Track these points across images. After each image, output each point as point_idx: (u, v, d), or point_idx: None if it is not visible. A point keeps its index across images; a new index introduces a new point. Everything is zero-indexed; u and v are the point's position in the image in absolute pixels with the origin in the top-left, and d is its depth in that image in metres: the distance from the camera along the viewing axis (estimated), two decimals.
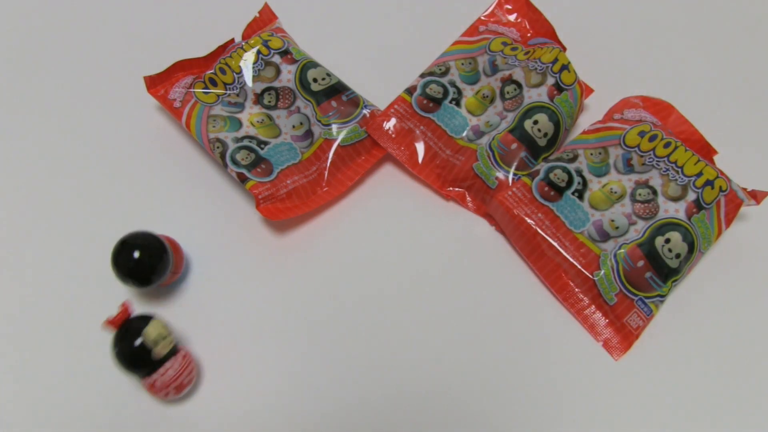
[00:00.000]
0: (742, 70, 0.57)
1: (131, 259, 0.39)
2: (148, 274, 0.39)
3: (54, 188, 0.48)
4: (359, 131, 0.48)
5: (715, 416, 0.40)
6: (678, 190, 0.45)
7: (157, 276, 0.39)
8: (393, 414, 0.40)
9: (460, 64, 0.51)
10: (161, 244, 0.40)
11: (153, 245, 0.39)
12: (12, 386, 0.40)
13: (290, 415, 0.40)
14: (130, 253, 0.39)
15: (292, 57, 0.49)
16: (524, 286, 0.45)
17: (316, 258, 0.45)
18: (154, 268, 0.39)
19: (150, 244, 0.39)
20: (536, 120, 0.47)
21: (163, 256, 0.40)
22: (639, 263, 0.42)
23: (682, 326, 0.44)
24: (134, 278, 0.39)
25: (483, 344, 0.42)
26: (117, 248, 0.39)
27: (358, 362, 0.41)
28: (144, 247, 0.39)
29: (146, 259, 0.39)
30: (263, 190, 0.44)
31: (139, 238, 0.39)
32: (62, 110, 0.52)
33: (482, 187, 0.47)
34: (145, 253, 0.39)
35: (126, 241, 0.39)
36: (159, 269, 0.39)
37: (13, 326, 0.42)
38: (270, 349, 0.42)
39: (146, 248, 0.39)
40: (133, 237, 0.39)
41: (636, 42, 0.58)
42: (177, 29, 0.57)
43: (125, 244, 0.39)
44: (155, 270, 0.39)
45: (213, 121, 0.47)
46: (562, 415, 0.40)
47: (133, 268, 0.39)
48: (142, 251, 0.39)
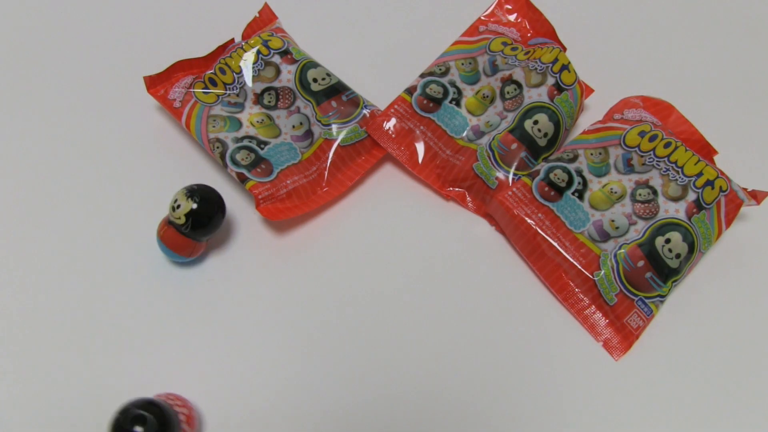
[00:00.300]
0: (742, 70, 0.57)
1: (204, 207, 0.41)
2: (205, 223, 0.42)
3: (53, 188, 0.48)
4: (359, 131, 0.48)
5: (716, 416, 0.40)
6: (678, 190, 0.45)
7: (211, 228, 0.42)
8: (393, 414, 0.40)
9: (460, 64, 0.51)
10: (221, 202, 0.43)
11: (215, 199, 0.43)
12: (11, 387, 0.40)
13: (290, 415, 0.40)
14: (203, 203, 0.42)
15: (292, 57, 0.49)
16: (524, 286, 0.45)
17: (316, 258, 0.45)
18: (211, 218, 0.42)
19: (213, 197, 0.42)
20: (536, 120, 0.47)
21: (220, 211, 0.43)
22: (639, 263, 0.42)
23: (682, 326, 0.44)
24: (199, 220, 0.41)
25: (483, 344, 0.42)
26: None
27: (358, 362, 0.41)
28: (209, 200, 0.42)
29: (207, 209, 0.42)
30: (263, 190, 0.44)
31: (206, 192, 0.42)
32: (62, 110, 0.52)
33: (482, 187, 0.47)
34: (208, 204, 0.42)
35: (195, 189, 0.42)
36: (217, 215, 0.42)
37: (12, 325, 0.42)
38: (270, 349, 0.42)
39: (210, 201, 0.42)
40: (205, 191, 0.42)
41: (636, 42, 0.58)
42: (177, 29, 0.57)
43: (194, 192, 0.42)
44: (212, 221, 0.42)
45: (213, 121, 0.47)
46: (562, 415, 0.40)
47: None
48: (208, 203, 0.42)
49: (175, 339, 0.42)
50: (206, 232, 0.42)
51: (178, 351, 0.41)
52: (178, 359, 0.41)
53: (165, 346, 0.41)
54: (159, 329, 0.42)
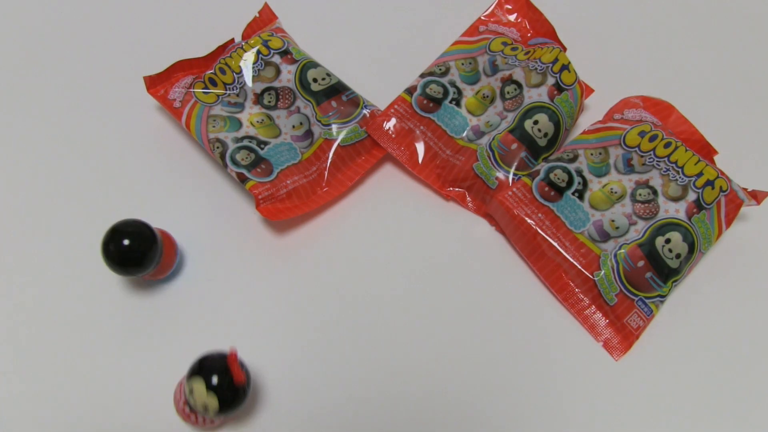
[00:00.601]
0: (742, 71, 0.57)
1: (121, 245, 0.38)
2: (137, 261, 0.39)
3: (53, 188, 0.48)
4: (359, 131, 0.48)
5: (716, 416, 0.40)
6: (678, 190, 0.45)
7: (144, 265, 0.39)
8: (393, 414, 0.40)
9: (460, 64, 0.51)
10: (152, 233, 0.40)
11: (143, 233, 0.39)
12: (10, 385, 0.40)
13: (290, 415, 0.40)
14: (120, 240, 0.38)
15: (292, 57, 0.49)
16: (524, 286, 0.45)
17: (316, 258, 0.45)
18: (144, 255, 0.39)
19: (140, 231, 0.39)
20: (536, 120, 0.47)
21: (152, 245, 0.39)
22: (639, 263, 0.42)
23: (682, 326, 0.44)
24: (122, 265, 0.38)
25: (483, 344, 0.42)
26: (107, 236, 0.39)
27: (358, 362, 0.41)
28: (134, 234, 0.39)
29: (136, 246, 0.39)
30: (263, 191, 0.44)
31: (129, 226, 0.39)
32: (62, 110, 0.52)
33: (482, 187, 0.47)
34: (135, 240, 0.39)
35: (116, 228, 0.39)
36: (148, 258, 0.39)
37: (10, 323, 0.42)
38: (269, 349, 0.42)
39: (136, 235, 0.39)
40: (124, 224, 0.39)
41: (636, 42, 0.58)
42: (177, 29, 0.57)
43: (116, 231, 0.39)
44: (144, 258, 0.39)
45: (213, 121, 0.47)
46: (562, 415, 0.40)
47: (123, 254, 0.38)
48: (132, 238, 0.39)
49: (175, 339, 0.42)
50: (146, 267, 0.39)
51: (178, 351, 0.41)
52: (178, 360, 0.41)
53: (164, 347, 0.41)
54: (158, 329, 0.42)
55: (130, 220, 0.40)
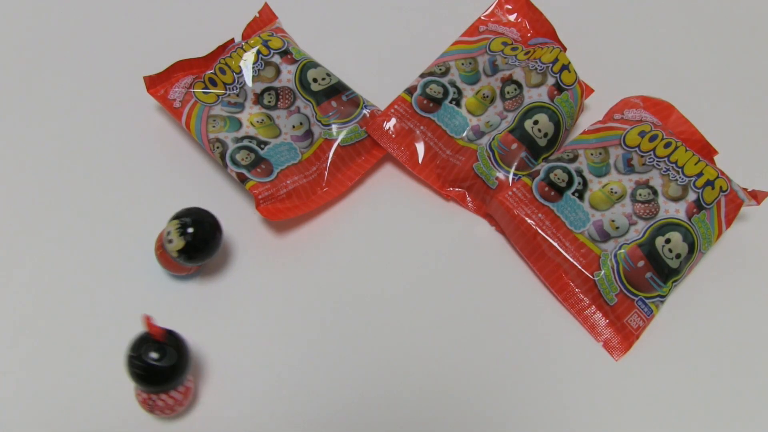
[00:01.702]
0: (742, 70, 0.57)
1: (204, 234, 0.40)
2: (202, 251, 0.40)
3: (53, 188, 0.48)
4: (359, 131, 0.48)
5: (716, 416, 0.40)
6: (678, 190, 0.45)
7: (207, 254, 0.41)
8: (393, 414, 0.40)
9: (461, 64, 0.51)
10: (216, 223, 0.41)
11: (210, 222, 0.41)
12: (16, 385, 0.40)
13: (290, 416, 0.40)
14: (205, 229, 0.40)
15: (292, 57, 0.49)
16: (524, 286, 0.45)
17: (316, 258, 0.45)
18: (208, 243, 0.40)
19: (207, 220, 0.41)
20: (536, 120, 0.47)
21: (216, 235, 0.41)
22: (639, 263, 0.42)
23: (682, 327, 0.44)
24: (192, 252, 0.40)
25: (483, 344, 0.42)
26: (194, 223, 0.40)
27: (358, 362, 0.41)
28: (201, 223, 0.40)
29: (202, 235, 0.40)
30: (263, 191, 0.44)
31: (197, 214, 0.41)
32: (62, 110, 0.52)
33: (482, 188, 0.47)
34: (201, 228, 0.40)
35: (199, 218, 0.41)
36: (211, 246, 0.41)
37: (12, 327, 0.42)
38: (269, 349, 0.42)
39: (203, 224, 0.41)
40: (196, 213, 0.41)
41: (636, 42, 0.58)
42: (177, 29, 0.57)
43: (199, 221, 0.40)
44: (208, 246, 0.40)
45: (213, 121, 0.47)
46: (562, 415, 0.40)
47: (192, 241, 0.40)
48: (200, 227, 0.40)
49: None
50: (200, 261, 0.41)
51: None
52: None
53: None
54: None
55: (195, 209, 0.41)
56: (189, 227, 0.40)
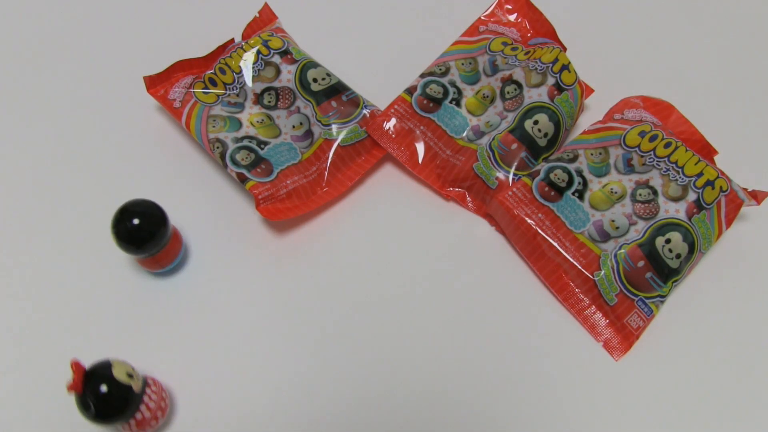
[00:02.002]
0: (742, 70, 0.57)
1: (131, 223, 0.40)
2: (146, 238, 0.40)
3: (53, 189, 0.48)
4: (359, 131, 0.48)
5: (716, 416, 0.40)
6: (678, 190, 0.45)
7: (154, 242, 0.40)
8: (394, 413, 0.40)
9: (461, 64, 0.51)
10: (161, 212, 0.41)
11: (153, 212, 0.40)
12: (11, 382, 0.40)
13: (289, 416, 0.40)
14: (133, 214, 0.40)
15: (292, 57, 0.49)
16: (524, 286, 0.45)
17: (316, 258, 0.45)
18: (153, 234, 0.40)
19: (150, 210, 0.40)
20: (536, 120, 0.47)
21: (162, 224, 0.40)
22: (639, 263, 0.42)
23: (682, 327, 0.44)
24: (133, 240, 0.39)
25: (483, 344, 0.42)
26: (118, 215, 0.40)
27: (358, 362, 0.41)
28: (143, 214, 0.40)
29: (145, 224, 0.40)
30: (263, 191, 0.44)
31: (138, 205, 0.40)
32: (62, 110, 0.52)
33: (482, 188, 0.47)
34: (145, 218, 0.40)
35: (126, 207, 0.40)
36: (157, 236, 0.40)
37: (10, 326, 0.42)
38: (269, 348, 0.42)
39: (145, 214, 0.40)
40: (134, 204, 0.40)
41: (636, 42, 0.58)
42: (177, 29, 0.57)
43: (125, 211, 0.40)
44: (154, 236, 0.40)
45: (213, 121, 0.47)
46: (562, 415, 0.40)
47: (133, 230, 0.39)
48: (142, 216, 0.40)
49: (174, 338, 0.42)
50: (148, 248, 0.40)
51: (177, 351, 0.41)
52: (178, 360, 0.41)
53: (163, 345, 0.41)
54: (158, 328, 0.42)
55: (140, 200, 0.41)
56: (117, 224, 0.40)
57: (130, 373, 0.35)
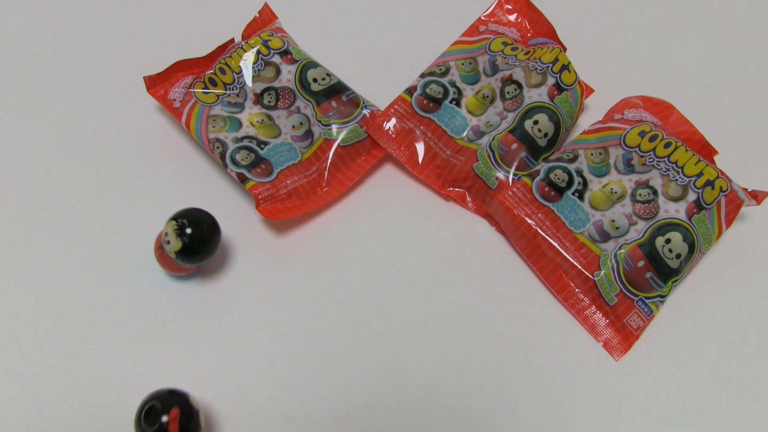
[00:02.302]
0: (742, 71, 0.57)
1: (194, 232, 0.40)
2: (199, 250, 0.40)
3: (53, 189, 0.48)
4: (359, 131, 0.48)
5: (716, 417, 0.40)
6: (678, 190, 0.45)
7: (206, 254, 0.41)
8: (394, 412, 0.40)
9: (461, 64, 0.51)
10: (215, 224, 0.41)
11: (208, 222, 0.41)
12: (18, 390, 0.40)
13: (289, 416, 0.40)
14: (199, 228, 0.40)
15: (292, 57, 0.49)
16: (524, 286, 0.45)
17: (316, 258, 0.45)
18: (206, 244, 0.40)
19: (205, 221, 0.41)
20: (536, 120, 0.47)
21: (214, 235, 0.41)
22: (639, 263, 0.42)
23: (682, 327, 0.44)
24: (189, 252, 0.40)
25: (483, 344, 0.42)
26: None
27: (358, 362, 0.41)
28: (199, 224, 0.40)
29: (200, 235, 0.40)
30: (263, 191, 0.44)
31: (194, 215, 0.41)
32: (62, 110, 0.52)
33: (482, 188, 0.47)
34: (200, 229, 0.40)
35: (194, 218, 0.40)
36: (210, 247, 0.41)
37: (15, 327, 0.42)
38: (269, 348, 0.42)
39: (201, 225, 0.40)
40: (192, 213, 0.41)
41: (636, 42, 0.58)
42: (177, 29, 0.57)
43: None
44: (207, 247, 0.40)
45: (213, 121, 0.47)
46: (562, 415, 0.40)
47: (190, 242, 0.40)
48: (198, 227, 0.40)
49: (175, 339, 0.42)
50: (199, 261, 0.41)
51: (179, 352, 0.41)
52: (178, 360, 0.41)
53: (165, 348, 0.41)
54: (159, 330, 0.42)
55: (195, 209, 0.41)
56: (187, 228, 0.40)
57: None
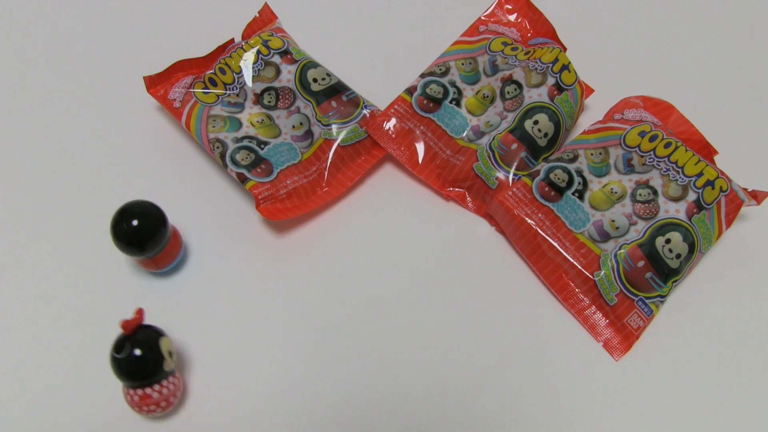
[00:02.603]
0: (742, 70, 0.57)
1: (131, 223, 0.39)
2: (146, 239, 0.40)
3: (53, 189, 0.48)
4: (359, 131, 0.48)
5: (716, 417, 0.40)
6: (678, 190, 0.45)
7: (154, 243, 0.40)
8: (394, 412, 0.40)
9: (461, 64, 0.51)
10: (160, 213, 0.41)
11: (152, 213, 0.41)
12: (11, 385, 0.40)
13: (288, 415, 0.40)
14: (130, 219, 0.40)
15: (292, 57, 0.49)
16: (524, 286, 0.45)
17: (316, 258, 0.45)
18: (153, 235, 0.40)
19: (149, 212, 0.40)
20: (536, 120, 0.47)
21: (161, 225, 0.40)
22: (639, 263, 0.42)
23: (682, 327, 0.44)
24: (132, 241, 0.40)
25: (483, 344, 0.42)
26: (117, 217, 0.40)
27: (357, 362, 0.41)
28: (143, 215, 0.40)
29: (145, 224, 0.40)
30: (263, 191, 0.44)
31: (137, 206, 0.40)
32: (62, 110, 0.52)
33: (482, 188, 0.47)
34: (144, 218, 0.40)
35: (125, 209, 0.40)
36: (157, 237, 0.40)
37: (15, 326, 0.42)
38: (269, 349, 0.42)
39: (145, 215, 0.40)
40: (132, 205, 0.40)
41: (636, 42, 0.58)
42: (177, 29, 0.57)
43: (124, 212, 0.40)
44: (153, 237, 0.40)
45: (213, 121, 0.47)
46: (562, 415, 0.40)
47: (133, 230, 0.39)
48: (141, 217, 0.40)
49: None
50: (148, 250, 0.40)
51: (178, 351, 0.41)
52: (177, 359, 0.41)
53: None
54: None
55: (138, 201, 0.41)
56: (117, 225, 0.40)
57: (171, 351, 0.37)
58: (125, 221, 0.39)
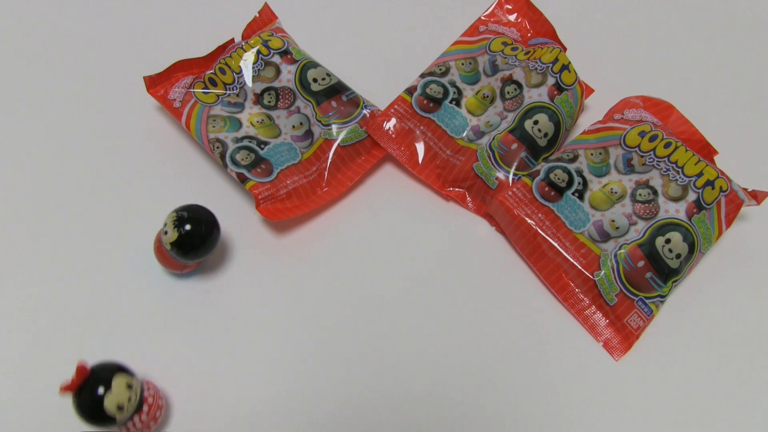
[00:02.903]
0: (742, 70, 0.57)
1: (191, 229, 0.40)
2: (198, 246, 0.40)
3: (53, 189, 0.48)
4: (359, 131, 0.48)
5: (716, 417, 0.40)
6: (678, 190, 0.45)
7: (204, 251, 0.40)
8: (394, 412, 0.40)
9: (461, 64, 0.51)
10: (213, 220, 0.41)
11: (206, 219, 0.41)
12: (14, 387, 0.40)
13: (289, 417, 0.40)
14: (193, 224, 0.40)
15: (292, 57, 0.49)
16: (524, 286, 0.45)
17: (316, 258, 0.45)
18: (204, 240, 0.40)
19: (204, 218, 0.41)
20: (536, 120, 0.47)
21: (213, 232, 0.41)
22: (639, 263, 0.42)
23: (682, 327, 0.44)
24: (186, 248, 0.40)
25: (483, 344, 0.42)
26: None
27: (358, 362, 0.41)
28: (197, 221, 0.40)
29: (197, 231, 0.40)
30: (263, 191, 0.44)
31: (203, 212, 0.41)
32: (62, 110, 0.52)
33: (482, 188, 0.47)
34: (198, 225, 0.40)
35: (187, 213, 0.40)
36: (207, 244, 0.40)
37: (15, 326, 0.42)
38: (269, 349, 0.42)
39: (199, 221, 0.40)
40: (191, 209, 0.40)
41: (636, 42, 0.58)
42: (177, 29, 0.57)
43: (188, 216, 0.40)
44: (205, 243, 0.40)
45: (213, 121, 0.47)
46: (562, 415, 0.40)
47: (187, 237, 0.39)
48: (196, 224, 0.40)
49: (174, 338, 0.42)
50: (193, 258, 0.40)
51: (178, 351, 0.41)
52: (177, 359, 0.41)
53: (162, 345, 0.41)
54: (158, 329, 0.42)
55: (193, 206, 0.41)
56: (185, 221, 0.40)
57: (121, 405, 0.34)
58: (202, 224, 0.40)
